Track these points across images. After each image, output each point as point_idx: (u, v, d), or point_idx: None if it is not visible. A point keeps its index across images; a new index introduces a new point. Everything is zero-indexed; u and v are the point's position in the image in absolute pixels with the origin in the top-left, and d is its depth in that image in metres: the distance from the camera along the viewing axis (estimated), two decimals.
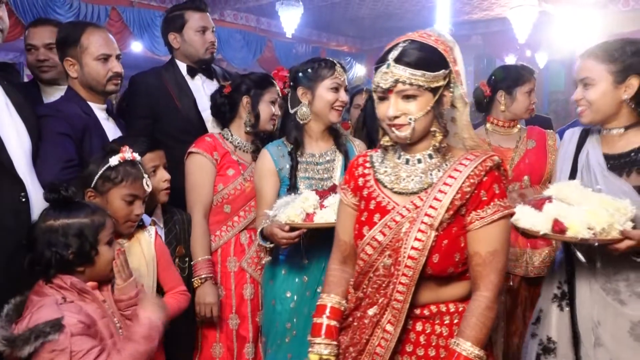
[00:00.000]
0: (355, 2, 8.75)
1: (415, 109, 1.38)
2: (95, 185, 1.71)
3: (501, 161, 1.46)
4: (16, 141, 1.58)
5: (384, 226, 1.45)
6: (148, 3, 8.28)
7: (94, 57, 2.01)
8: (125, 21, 7.94)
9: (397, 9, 9.15)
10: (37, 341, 1.31)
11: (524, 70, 2.74)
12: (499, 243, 1.40)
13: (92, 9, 7.59)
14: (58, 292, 1.43)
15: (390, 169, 1.50)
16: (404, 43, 1.40)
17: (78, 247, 1.45)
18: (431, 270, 1.41)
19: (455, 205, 1.39)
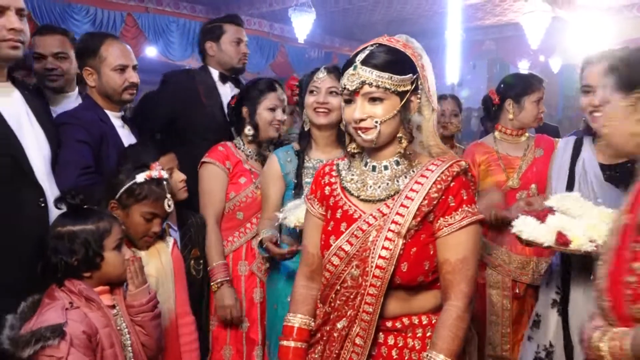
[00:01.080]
0: (368, 7, 8.78)
1: (382, 112, 1.36)
2: (120, 197, 1.74)
3: (468, 166, 1.44)
4: (36, 148, 1.64)
5: (350, 235, 1.41)
6: (162, 9, 8.40)
7: (111, 68, 2.07)
8: (140, 27, 8.07)
9: (410, 14, 9.17)
10: (37, 345, 1.33)
11: (533, 79, 2.75)
12: (468, 250, 1.37)
13: (108, 15, 7.72)
14: (67, 296, 1.47)
15: (357, 177, 1.47)
16: (372, 46, 1.39)
17: (83, 253, 1.49)
18: (400, 280, 1.37)
19: (422, 211, 1.36)
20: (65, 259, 1.48)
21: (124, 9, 7.95)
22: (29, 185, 1.57)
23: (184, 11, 8.65)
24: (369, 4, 8.54)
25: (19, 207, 1.54)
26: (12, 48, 1.56)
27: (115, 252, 1.55)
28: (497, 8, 8.77)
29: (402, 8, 8.84)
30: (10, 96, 1.63)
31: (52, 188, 1.67)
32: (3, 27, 1.53)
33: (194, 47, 8.67)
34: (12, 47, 1.56)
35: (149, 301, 1.61)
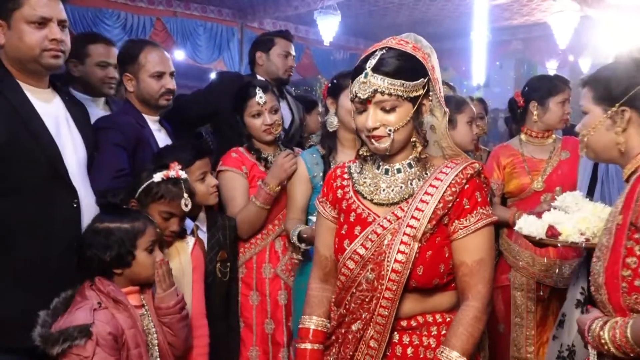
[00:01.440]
0: (393, 9, 8.77)
1: (395, 120, 1.34)
2: (139, 197, 1.80)
3: (482, 168, 1.42)
4: (72, 152, 1.72)
5: (365, 239, 1.40)
6: (190, 13, 8.55)
7: (149, 74, 2.15)
8: (169, 31, 8.23)
9: (435, 15, 9.12)
10: (64, 343, 1.40)
11: (557, 80, 2.73)
12: (484, 251, 1.37)
13: (138, 20, 7.90)
14: (97, 296, 1.54)
15: (370, 180, 1.45)
16: (382, 51, 1.35)
17: (116, 250, 1.56)
18: (416, 283, 1.36)
19: (437, 214, 1.35)
20: (99, 254, 1.54)
21: (153, 13, 8.13)
22: (64, 187, 1.65)
23: (211, 15, 8.79)
24: (394, 5, 8.53)
25: (53, 207, 1.62)
26: (53, 57, 1.64)
27: (146, 253, 1.61)
28: (524, 8, 8.65)
29: (427, 9, 8.80)
30: (51, 102, 1.71)
31: (86, 190, 1.74)
32: (46, 37, 1.61)
33: (220, 51, 8.82)
34: (54, 57, 1.64)
35: (176, 304, 1.66)
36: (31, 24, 1.59)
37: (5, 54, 1.64)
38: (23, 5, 1.58)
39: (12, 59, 1.63)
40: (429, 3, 8.41)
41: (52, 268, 1.60)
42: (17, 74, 1.64)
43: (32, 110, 1.62)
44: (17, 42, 1.60)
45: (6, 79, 1.61)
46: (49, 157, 1.63)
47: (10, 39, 1.61)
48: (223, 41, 8.83)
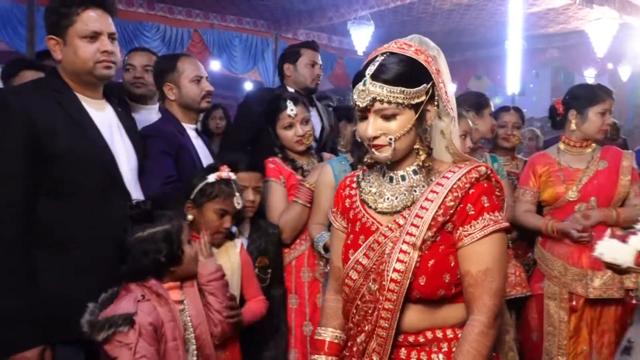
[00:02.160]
0: (427, 19, 8.78)
1: (395, 128, 1.29)
2: (194, 197, 1.92)
3: (490, 171, 1.33)
4: (124, 158, 1.83)
5: (367, 248, 1.35)
6: (226, 25, 8.76)
7: (189, 79, 2.27)
8: (205, 42, 8.45)
9: (470, 24, 9.09)
10: (109, 330, 1.50)
11: (599, 90, 2.67)
12: (491, 261, 1.27)
13: (176, 32, 8.15)
14: (141, 289, 1.63)
15: (375, 188, 1.41)
16: (382, 56, 1.29)
17: (168, 250, 1.65)
18: (419, 294, 1.29)
19: (438, 221, 1.28)
20: (155, 258, 1.64)
21: (190, 25, 8.36)
22: (118, 191, 1.76)
23: (247, 26, 8.98)
24: (428, 15, 8.54)
25: (108, 209, 1.73)
26: (106, 68, 1.75)
27: (189, 246, 1.72)
28: (561, 16, 8.54)
29: (460, 18, 8.78)
30: (104, 111, 1.83)
31: (138, 195, 1.85)
32: (97, 50, 1.72)
33: (255, 61, 8.99)
34: (106, 67, 1.75)
35: (217, 270, 1.77)
36: (84, 38, 1.71)
37: (63, 69, 1.76)
38: (76, 22, 1.70)
39: (69, 72, 1.76)
40: (463, 12, 8.39)
41: (106, 267, 1.70)
42: (75, 86, 1.76)
43: (89, 120, 1.74)
44: (72, 56, 1.72)
45: (65, 92, 1.73)
46: (104, 162, 1.74)
47: (66, 54, 1.73)
48: (258, 52, 9.01)
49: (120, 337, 1.51)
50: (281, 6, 8.15)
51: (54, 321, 1.60)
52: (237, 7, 8.35)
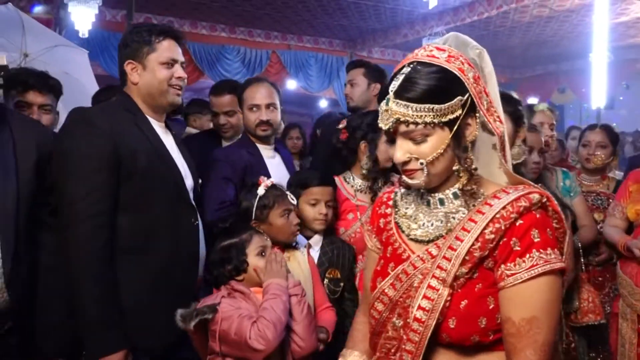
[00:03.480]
0: (505, 32, 8.59)
1: (427, 150, 1.10)
2: (256, 216, 2.02)
3: (546, 199, 1.11)
4: (186, 177, 1.96)
5: (395, 278, 1.18)
6: (303, 45, 9.03)
7: (247, 108, 2.42)
8: (283, 62, 8.76)
9: (551, 36, 8.79)
10: (196, 318, 1.63)
11: None
12: (538, 308, 1.06)
13: (255, 54, 8.52)
14: (226, 289, 1.77)
15: (412, 210, 1.23)
16: (408, 68, 1.11)
17: (234, 261, 1.78)
18: (449, 338, 1.11)
19: (474, 256, 1.09)
20: (222, 268, 1.78)
21: (269, 47, 8.71)
22: (186, 206, 1.91)
23: (323, 46, 9.21)
24: (506, 29, 8.35)
25: (179, 223, 1.87)
26: (176, 95, 1.92)
27: (258, 257, 1.81)
28: None
29: (541, 31, 8.51)
30: (168, 134, 2.00)
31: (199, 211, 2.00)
32: (172, 75, 1.90)
33: (330, 79, 9.18)
34: (177, 94, 1.92)
35: (295, 285, 1.80)
36: (163, 64, 1.88)
37: (138, 91, 1.90)
38: (157, 50, 1.88)
39: (143, 95, 1.90)
40: (544, 24, 8.13)
41: (176, 277, 1.84)
42: (145, 109, 1.91)
43: (160, 140, 1.90)
44: (150, 79, 1.88)
45: (138, 114, 1.89)
46: (176, 179, 1.88)
47: (144, 77, 1.89)
48: (333, 70, 9.20)
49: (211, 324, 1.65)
50: (356, 25, 8.30)
51: (131, 328, 1.70)
52: (314, 28, 8.60)
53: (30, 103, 2.16)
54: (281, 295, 1.70)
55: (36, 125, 1.82)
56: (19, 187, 1.59)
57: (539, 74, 11.39)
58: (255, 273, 1.78)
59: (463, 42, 1.19)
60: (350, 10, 7.67)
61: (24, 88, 2.16)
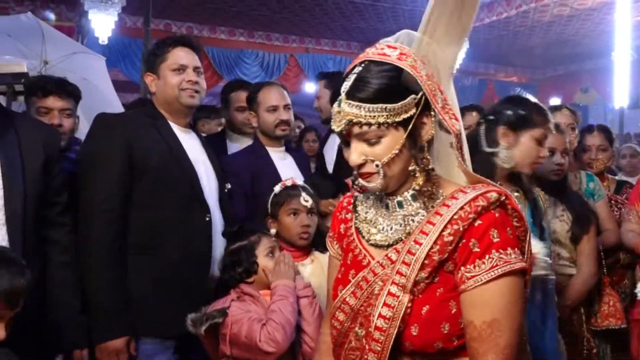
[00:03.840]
0: (525, 32, 8.49)
1: (382, 152, 1.06)
2: (271, 212, 2.06)
3: (504, 197, 1.08)
4: (205, 177, 2.03)
5: (355, 286, 1.14)
6: (321, 48, 9.06)
7: (265, 109, 2.43)
8: (301, 66, 8.80)
9: (572, 35, 8.65)
10: (207, 322, 1.65)
11: None
12: (498, 310, 1.03)
13: (273, 58, 8.57)
14: (236, 293, 1.79)
15: (371, 215, 1.18)
16: (360, 67, 1.08)
17: (244, 263, 1.81)
18: (412, 346, 1.06)
19: (433, 260, 1.05)
20: (233, 270, 1.81)
21: (287, 50, 8.76)
22: (199, 205, 1.96)
23: (341, 49, 9.22)
24: (527, 28, 8.25)
25: (190, 220, 1.93)
26: (190, 97, 2.00)
27: (267, 258, 1.83)
28: None
29: (562, 30, 8.39)
30: (190, 138, 2.08)
31: (215, 209, 2.03)
32: (183, 80, 1.99)
33: None
34: (190, 96, 2.00)
35: (305, 287, 1.81)
36: (173, 71, 1.98)
37: (157, 100, 2.03)
38: (167, 59, 1.99)
39: (161, 102, 2.02)
40: (565, 23, 8.01)
41: (187, 271, 1.89)
42: (167, 115, 2.02)
43: (177, 142, 1.98)
44: (163, 86, 1.99)
45: (159, 119, 2.00)
46: (189, 178, 1.95)
47: (159, 86, 2.01)
48: None
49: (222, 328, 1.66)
50: (374, 27, 8.29)
51: (139, 318, 1.80)
52: (331, 31, 8.62)
53: (51, 108, 2.22)
54: (288, 297, 1.71)
55: (43, 126, 1.87)
56: (25, 187, 1.63)
57: (561, 74, 11.22)
58: (265, 275, 1.80)
59: (414, 39, 1.13)
60: (368, 13, 7.67)
61: (44, 94, 2.22)
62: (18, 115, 1.88)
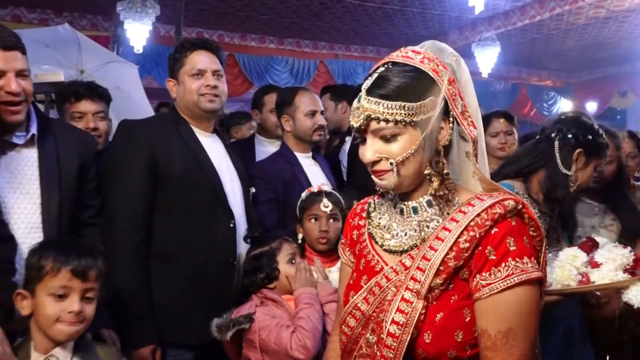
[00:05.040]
0: (559, 35, 8.31)
1: (397, 150, 1.07)
2: (298, 218, 2.10)
3: (522, 206, 1.07)
4: (229, 183, 2.04)
5: (368, 292, 1.13)
6: (351, 54, 9.07)
7: (304, 113, 2.43)
8: (330, 72, 8.82)
9: (609, 38, 8.43)
10: (233, 328, 1.67)
11: None
12: (514, 320, 1.01)
13: (303, 64, 8.63)
14: (259, 298, 1.80)
15: (385, 220, 1.18)
16: (383, 67, 1.10)
17: (265, 269, 1.83)
18: (425, 354, 1.05)
19: (448, 267, 1.04)
20: (254, 275, 1.83)
21: (317, 57, 8.80)
22: (223, 210, 1.97)
23: (370, 54, 9.21)
24: (561, 31, 8.08)
25: (215, 226, 1.95)
26: (209, 102, 2.00)
27: (289, 265, 1.84)
28: None
29: (598, 32, 8.18)
30: (214, 143, 2.10)
31: (240, 215, 2.05)
32: (202, 85, 1.99)
33: None
34: (210, 101, 2.00)
35: (334, 292, 1.82)
36: (191, 76, 1.99)
37: (178, 105, 2.05)
38: (185, 64, 2.00)
39: (182, 108, 2.03)
40: (601, 26, 7.81)
41: (211, 276, 1.91)
42: (189, 120, 2.03)
43: (200, 147, 1.99)
44: (182, 92, 2.01)
45: (182, 124, 2.01)
46: (212, 184, 1.96)
47: (179, 91, 2.02)
48: None
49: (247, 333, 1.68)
50: (403, 33, 8.25)
51: (164, 324, 1.81)
52: (361, 37, 8.62)
53: (85, 112, 2.27)
54: (315, 304, 1.72)
55: (79, 133, 1.92)
56: (61, 192, 1.69)
57: (597, 77, 10.93)
58: (286, 280, 1.81)
59: (440, 49, 1.15)
60: (397, 18, 7.64)
61: (77, 98, 2.28)
62: (57, 122, 1.97)
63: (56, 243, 1.46)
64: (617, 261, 1.61)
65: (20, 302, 1.39)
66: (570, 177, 1.81)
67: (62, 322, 1.36)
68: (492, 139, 3.00)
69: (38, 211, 1.64)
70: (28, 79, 1.61)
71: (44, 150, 1.69)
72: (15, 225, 1.59)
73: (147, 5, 5.63)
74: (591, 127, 1.87)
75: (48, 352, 1.38)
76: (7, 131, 1.62)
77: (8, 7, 7.06)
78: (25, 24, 6.84)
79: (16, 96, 1.56)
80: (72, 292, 1.37)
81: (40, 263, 1.37)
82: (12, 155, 1.64)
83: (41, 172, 1.66)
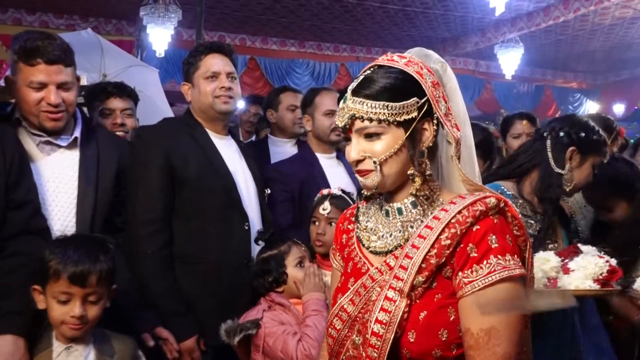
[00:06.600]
0: (584, 36, 8.16)
1: (380, 149, 1.09)
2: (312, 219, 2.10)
3: (504, 204, 1.08)
4: (244, 184, 2.06)
5: (354, 293, 1.14)
6: (372, 56, 9.03)
7: (322, 113, 2.43)
8: (351, 74, 8.81)
9: (637, 38, 8.24)
10: (241, 333, 1.68)
11: None
12: (496, 318, 1.01)
13: (324, 66, 8.64)
14: (267, 302, 1.81)
15: (372, 223, 1.20)
16: (369, 70, 1.14)
17: (274, 272, 1.82)
18: (410, 353, 1.04)
19: (430, 264, 1.04)
20: (262, 278, 1.83)
21: (337, 60, 8.81)
22: (238, 212, 2.00)
23: None
24: (586, 32, 7.94)
25: (230, 228, 1.97)
26: (224, 103, 2.02)
27: (297, 268, 1.84)
28: None
29: (625, 33, 8.01)
30: (229, 145, 2.12)
31: (255, 217, 2.07)
32: (217, 87, 2.01)
33: None
34: (224, 102, 2.02)
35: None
36: (206, 79, 2.01)
37: (193, 108, 2.07)
38: (200, 67, 2.02)
39: (197, 111, 2.06)
40: (628, 26, 7.65)
41: (227, 278, 1.93)
42: (204, 123, 2.05)
43: (215, 150, 2.02)
44: (197, 95, 2.03)
45: (197, 127, 2.04)
46: (226, 187, 1.98)
47: (194, 95, 2.04)
48: None
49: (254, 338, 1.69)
50: (425, 35, 8.21)
51: None
52: (382, 39, 8.60)
53: (113, 109, 2.36)
54: (322, 311, 1.71)
55: (119, 141, 2.00)
56: (97, 196, 1.75)
57: (625, 78, 10.69)
58: (295, 285, 1.81)
59: (426, 55, 1.19)
60: (419, 20, 7.61)
61: (106, 96, 2.37)
62: (100, 129, 2.07)
63: (63, 242, 1.50)
64: (588, 269, 1.57)
65: (38, 296, 1.46)
66: (564, 176, 1.78)
67: (67, 324, 1.43)
68: (513, 140, 2.96)
69: (74, 211, 1.72)
70: (71, 90, 1.70)
71: (85, 154, 1.78)
72: (51, 222, 1.67)
73: (169, 10, 5.72)
74: (585, 124, 1.83)
75: (68, 342, 1.46)
76: (52, 134, 1.72)
77: (36, 14, 7.25)
78: (52, 29, 7.01)
79: (56, 107, 1.66)
80: (74, 298, 1.43)
81: (46, 262, 1.43)
82: (56, 156, 1.73)
83: (80, 174, 1.74)
